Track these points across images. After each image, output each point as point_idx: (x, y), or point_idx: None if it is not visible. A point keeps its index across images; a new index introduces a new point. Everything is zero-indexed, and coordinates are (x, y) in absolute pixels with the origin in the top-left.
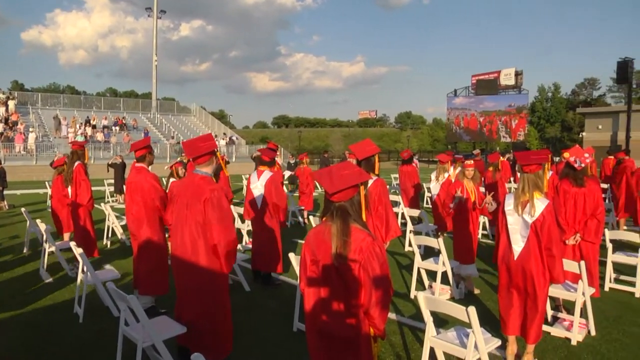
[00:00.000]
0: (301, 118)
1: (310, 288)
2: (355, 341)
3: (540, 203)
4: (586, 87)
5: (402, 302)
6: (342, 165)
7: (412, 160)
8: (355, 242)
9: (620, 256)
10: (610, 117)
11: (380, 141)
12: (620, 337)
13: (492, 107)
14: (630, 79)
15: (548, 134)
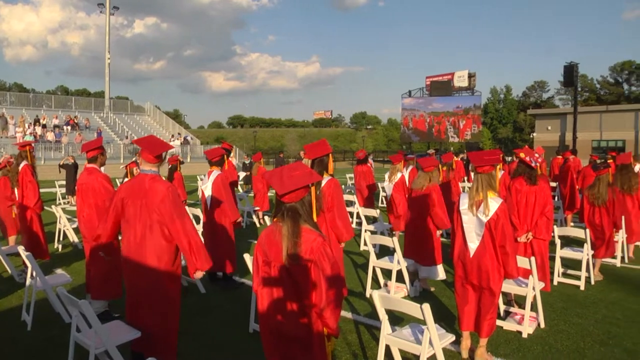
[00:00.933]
0: (256, 118)
1: (263, 289)
2: (308, 340)
3: (494, 202)
4: (536, 90)
5: (357, 301)
6: (293, 166)
7: (367, 160)
8: (306, 242)
9: (567, 252)
10: (558, 118)
11: (335, 141)
12: (566, 328)
13: (445, 108)
14: (576, 82)
15: (500, 134)
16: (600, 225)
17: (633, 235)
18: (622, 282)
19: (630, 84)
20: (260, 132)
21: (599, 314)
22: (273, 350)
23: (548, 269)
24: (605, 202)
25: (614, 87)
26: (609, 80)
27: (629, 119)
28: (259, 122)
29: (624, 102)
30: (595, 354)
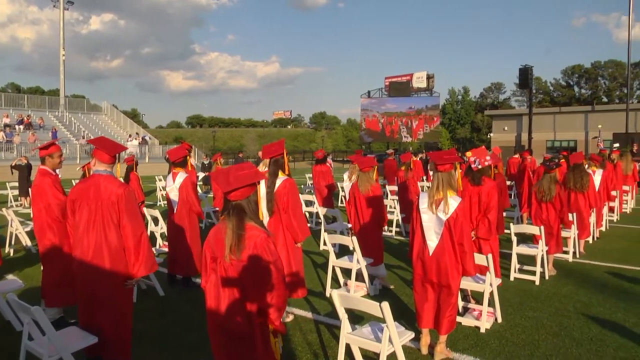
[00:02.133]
0: (215, 118)
1: (209, 285)
2: (252, 337)
3: (453, 201)
4: (493, 91)
5: (318, 301)
6: (240, 165)
7: (326, 160)
8: (250, 239)
9: (523, 248)
10: (514, 119)
11: (295, 141)
12: (522, 322)
13: (398, 109)
14: (531, 84)
15: (459, 134)
16: (547, 221)
17: (584, 232)
18: (574, 276)
19: (580, 86)
20: (219, 132)
21: (553, 307)
22: (219, 348)
23: (498, 266)
24: (552, 198)
25: (566, 90)
26: (562, 83)
27: (579, 120)
28: (218, 122)
29: (575, 103)
30: (549, 345)
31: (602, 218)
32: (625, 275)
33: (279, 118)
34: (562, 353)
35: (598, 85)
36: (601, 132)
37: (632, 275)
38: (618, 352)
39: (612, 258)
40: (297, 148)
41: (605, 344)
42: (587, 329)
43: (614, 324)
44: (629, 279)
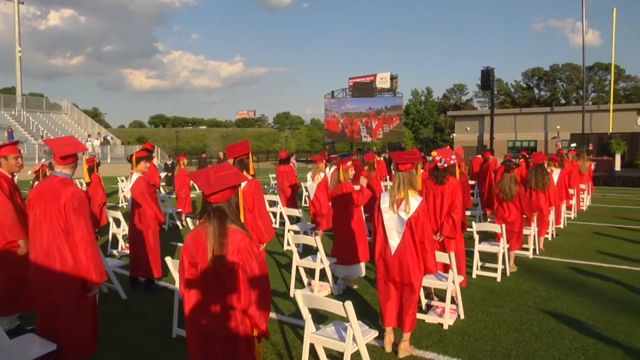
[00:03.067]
0: (179, 118)
1: (189, 291)
2: (236, 342)
3: (414, 200)
4: (456, 92)
5: (282, 301)
6: (220, 166)
7: (290, 160)
8: (233, 243)
9: (485, 246)
10: (476, 119)
11: (258, 141)
12: (484, 318)
13: (357, 109)
14: (492, 86)
15: (422, 134)
16: (508, 220)
17: (543, 229)
18: (534, 272)
19: (540, 88)
20: (182, 132)
21: (513, 302)
22: (199, 354)
23: (464, 263)
24: (513, 197)
25: (527, 91)
26: (522, 85)
27: (539, 121)
28: (181, 121)
29: (535, 105)
30: (509, 340)
31: (560, 216)
32: (581, 270)
33: (243, 118)
34: (522, 347)
35: (556, 88)
36: (559, 132)
37: (587, 269)
38: (573, 343)
39: (569, 254)
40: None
41: (562, 336)
42: (545, 323)
43: (570, 317)
44: (585, 273)
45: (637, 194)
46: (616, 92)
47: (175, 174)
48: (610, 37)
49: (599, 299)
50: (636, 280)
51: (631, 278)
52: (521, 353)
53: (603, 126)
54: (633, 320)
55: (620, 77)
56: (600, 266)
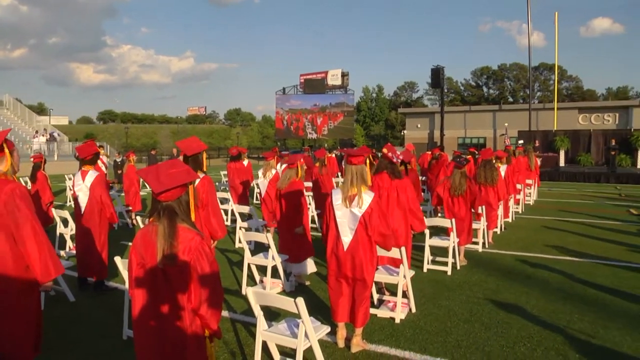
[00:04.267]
0: (128, 114)
1: (138, 291)
2: (186, 343)
3: (367, 196)
4: (406, 90)
5: (234, 299)
6: (170, 163)
7: (241, 157)
8: (183, 242)
9: (436, 240)
10: (427, 117)
11: (210, 138)
12: (435, 311)
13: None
14: (442, 84)
15: (373, 131)
16: (458, 214)
17: (492, 223)
18: (483, 265)
19: (488, 87)
20: (132, 129)
21: (464, 295)
22: (147, 356)
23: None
24: (463, 192)
25: (476, 90)
26: (471, 83)
27: (488, 119)
28: (131, 117)
29: (484, 103)
30: (460, 331)
31: (509, 210)
32: (528, 262)
33: (194, 114)
34: (472, 337)
35: (504, 86)
36: (507, 129)
37: (534, 261)
38: (520, 332)
39: (517, 247)
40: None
41: (510, 325)
42: (495, 314)
43: (518, 307)
44: (532, 265)
45: (580, 188)
46: (560, 91)
47: (124, 171)
48: (554, 39)
49: (544, 290)
50: (577, 270)
51: (573, 269)
52: (471, 343)
53: (548, 124)
54: (573, 309)
55: (564, 77)
56: (545, 258)
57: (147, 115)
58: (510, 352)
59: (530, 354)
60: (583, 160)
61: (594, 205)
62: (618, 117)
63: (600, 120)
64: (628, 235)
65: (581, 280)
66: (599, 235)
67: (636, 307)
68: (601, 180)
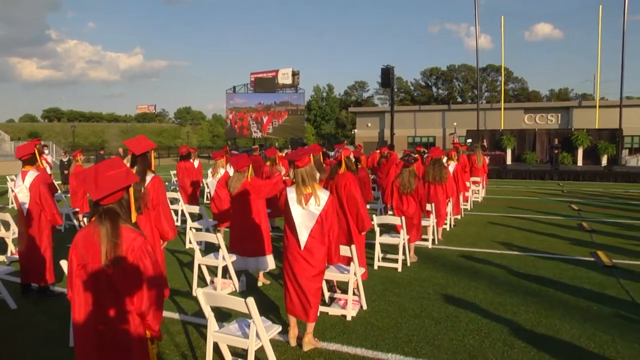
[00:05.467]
0: (75, 112)
1: (78, 294)
2: (130, 345)
3: (323, 194)
4: (357, 89)
5: (184, 301)
6: (108, 164)
7: (191, 156)
8: (126, 242)
9: (386, 238)
10: (377, 116)
11: (159, 137)
12: (386, 307)
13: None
14: (392, 83)
15: (324, 130)
16: (408, 212)
17: (441, 220)
18: (433, 261)
19: (437, 87)
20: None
21: (414, 291)
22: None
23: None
24: (413, 191)
25: (425, 90)
26: (421, 83)
27: (437, 118)
28: (78, 115)
29: (434, 102)
30: (410, 327)
31: (458, 207)
32: (476, 257)
33: (143, 113)
34: (422, 332)
35: (453, 87)
36: (456, 129)
37: (482, 257)
38: (469, 325)
39: (465, 242)
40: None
41: (459, 319)
42: (444, 308)
43: (466, 302)
44: (479, 260)
45: (526, 185)
46: (506, 92)
47: (71, 171)
48: (500, 42)
49: (492, 283)
50: (522, 264)
51: (519, 263)
52: (422, 338)
53: (495, 123)
54: (519, 301)
55: (510, 78)
56: (493, 253)
57: (95, 113)
58: (459, 344)
59: (479, 345)
60: (528, 158)
61: (539, 202)
62: (560, 117)
63: (544, 120)
64: (569, 229)
65: (526, 274)
66: (542, 230)
67: (575, 296)
68: (545, 178)
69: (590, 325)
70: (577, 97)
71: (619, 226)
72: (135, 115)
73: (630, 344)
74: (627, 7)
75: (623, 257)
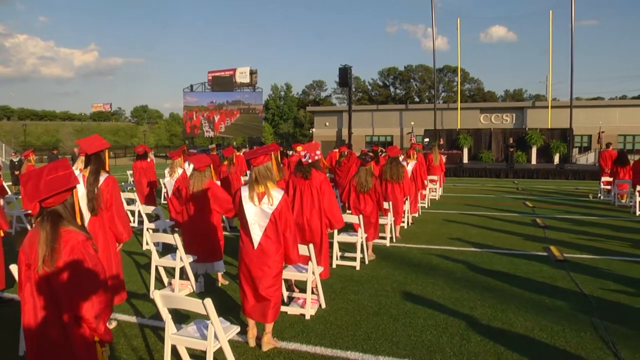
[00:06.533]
0: (27, 110)
1: (25, 296)
2: (74, 349)
3: (277, 193)
4: (315, 88)
5: (142, 303)
6: (53, 166)
7: (147, 155)
8: (66, 245)
9: (344, 237)
10: (335, 115)
11: (115, 136)
12: (345, 305)
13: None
14: (350, 83)
15: (282, 129)
16: (365, 211)
17: (399, 218)
18: (391, 259)
19: (395, 87)
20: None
21: (372, 289)
22: None
23: (327, 254)
24: (370, 189)
25: (383, 89)
26: (379, 83)
27: (395, 117)
28: (29, 114)
29: (391, 102)
30: (369, 324)
31: (416, 205)
32: (434, 254)
33: (99, 111)
34: (381, 329)
35: (411, 87)
36: (414, 128)
37: (439, 254)
38: (427, 321)
39: (423, 240)
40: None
41: (417, 315)
42: (402, 305)
43: (424, 298)
44: (437, 257)
45: (482, 183)
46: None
47: (22, 172)
48: (457, 43)
49: (449, 280)
50: (479, 260)
51: (475, 259)
52: (380, 335)
53: (452, 123)
54: (476, 296)
55: (466, 79)
56: (450, 250)
57: (48, 111)
58: (417, 340)
59: (437, 340)
60: (485, 157)
61: (495, 199)
62: (515, 117)
63: (500, 119)
64: (524, 225)
65: (482, 269)
66: (498, 226)
67: (528, 290)
68: (501, 176)
69: (542, 317)
70: (531, 97)
71: (570, 222)
72: (91, 114)
73: (577, 333)
74: (574, 12)
75: (573, 252)
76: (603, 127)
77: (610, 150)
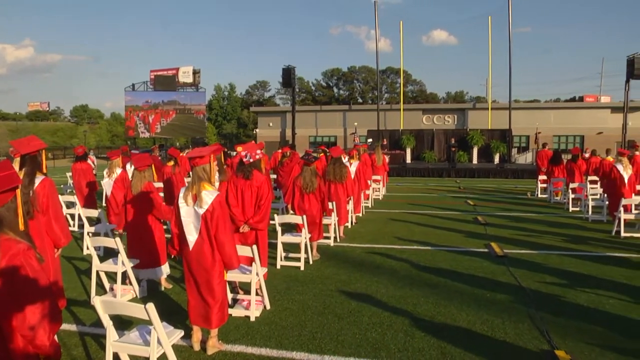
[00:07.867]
0: None
1: None
2: None
3: (209, 194)
4: (258, 89)
5: (82, 311)
6: None
7: (87, 156)
8: (5, 253)
9: (288, 237)
10: (279, 116)
11: (54, 136)
12: (289, 306)
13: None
14: (294, 83)
15: (225, 130)
16: (310, 211)
17: (343, 218)
18: (336, 259)
19: (339, 88)
20: None
21: (317, 288)
22: None
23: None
24: (314, 189)
25: (327, 90)
26: (322, 84)
27: (339, 118)
28: None
29: (335, 103)
30: (314, 324)
31: (359, 205)
32: (378, 253)
33: (35, 110)
34: (326, 329)
35: (354, 88)
36: (357, 128)
37: (383, 252)
38: (371, 319)
39: (367, 239)
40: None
41: (362, 314)
42: (347, 304)
43: (369, 296)
44: (381, 255)
45: (425, 182)
46: (405, 94)
47: None
48: (399, 46)
49: (393, 278)
50: (422, 257)
51: (418, 257)
52: (325, 335)
53: (395, 123)
54: (420, 293)
55: (409, 81)
56: (394, 248)
57: None
58: (362, 338)
59: (381, 338)
60: (427, 157)
61: (437, 198)
62: (456, 118)
63: (442, 120)
64: (465, 223)
65: (425, 267)
66: (441, 224)
67: (470, 286)
68: (443, 175)
69: (484, 311)
70: (471, 99)
71: (510, 219)
72: (27, 113)
73: (515, 325)
74: (511, 19)
75: (513, 247)
76: (539, 128)
77: (546, 150)
